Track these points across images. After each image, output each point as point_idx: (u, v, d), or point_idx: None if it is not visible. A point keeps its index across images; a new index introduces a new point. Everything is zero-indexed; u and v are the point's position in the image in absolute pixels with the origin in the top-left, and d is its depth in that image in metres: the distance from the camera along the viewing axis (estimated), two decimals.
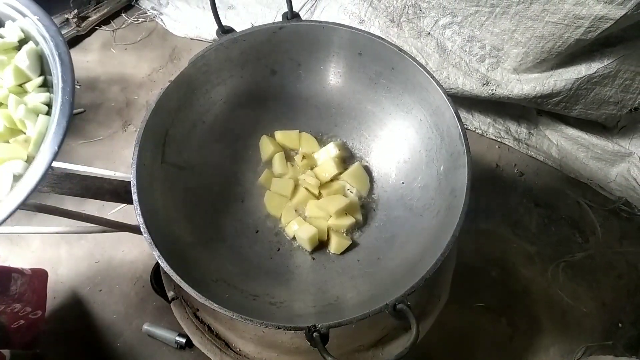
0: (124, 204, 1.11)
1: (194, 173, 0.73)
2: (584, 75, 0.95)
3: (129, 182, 0.80)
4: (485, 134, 1.20)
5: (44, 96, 0.59)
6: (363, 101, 0.78)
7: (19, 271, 0.92)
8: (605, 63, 0.93)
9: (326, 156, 0.79)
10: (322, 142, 0.82)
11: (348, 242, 0.73)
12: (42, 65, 0.61)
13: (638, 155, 1.07)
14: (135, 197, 0.59)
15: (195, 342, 0.80)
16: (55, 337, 0.99)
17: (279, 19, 1.22)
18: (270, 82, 0.78)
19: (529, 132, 1.16)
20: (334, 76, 0.78)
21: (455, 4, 1.00)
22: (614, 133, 1.10)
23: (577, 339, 0.99)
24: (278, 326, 0.54)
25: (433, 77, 0.67)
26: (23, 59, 0.59)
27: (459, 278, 0.88)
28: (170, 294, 0.82)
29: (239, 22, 1.25)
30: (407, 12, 1.07)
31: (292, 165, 0.80)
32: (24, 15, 0.60)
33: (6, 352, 0.86)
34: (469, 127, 1.20)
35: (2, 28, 0.62)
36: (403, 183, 0.75)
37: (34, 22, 0.59)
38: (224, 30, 0.71)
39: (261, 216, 0.77)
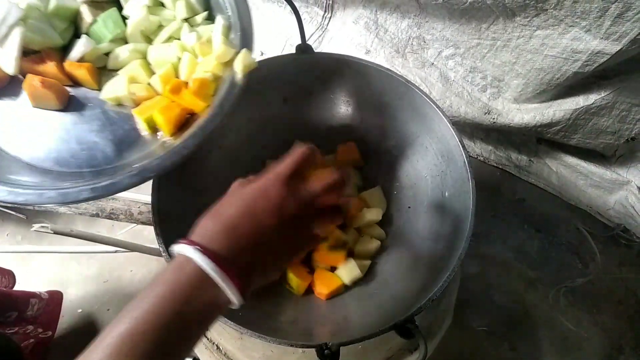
0: (134, 224, 1.14)
1: (209, 196, 0.75)
2: (582, 106, 0.98)
3: (143, 203, 0.84)
4: (487, 160, 1.23)
5: (211, 27, 0.63)
6: (371, 129, 0.81)
7: (37, 296, 0.93)
8: (602, 95, 0.96)
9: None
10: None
11: (368, 263, 0.75)
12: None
13: (635, 184, 1.10)
14: (154, 218, 0.62)
15: None
16: (64, 354, 1.00)
17: (288, 47, 1.28)
18: (282, 110, 0.81)
19: (530, 160, 1.19)
20: (343, 105, 0.82)
21: (457, 37, 1.04)
22: (612, 162, 1.12)
23: None
24: (290, 343, 0.56)
25: (439, 107, 0.70)
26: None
27: (462, 302, 0.90)
28: None
29: None
30: (412, 44, 1.12)
31: None
32: None
33: None
34: (471, 154, 1.23)
35: None
36: (409, 207, 0.77)
37: None
38: None
39: None
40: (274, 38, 1.30)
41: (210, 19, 0.65)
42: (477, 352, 1.01)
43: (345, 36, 1.20)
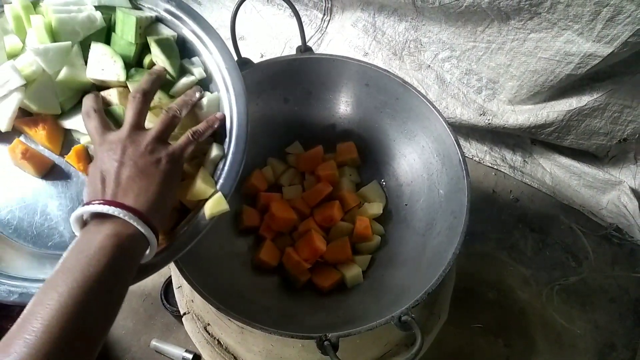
0: None
1: None
2: (574, 107, 1.00)
3: None
4: (482, 161, 1.25)
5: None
6: (369, 128, 0.83)
7: None
8: (595, 96, 0.98)
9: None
10: None
11: (368, 258, 0.77)
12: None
13: (628, 184, 1.12)
14: None
15: (205, 355, 0.83)
16: None
17: (287, 49, 1.30)
18: (283, 110, 0.83)
19: (524, 160, 1.21)
20: (342, 105, 0.84)
21: (453, 39, 1.06)
22: (605, 162, 1.15)
23: None
24: (291, 335, 0.58)
25: (435, 107, 0.72)
26: (200, 106, 0.59)
27: (457, 299, 0.91)
28: (182, 309, 0.85)
29: (249, 52, 1.31)
30: (409, 46, 1.14)
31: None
32: (210, 52, 0.61)
33: None
34: (466, 155, 1.25)
35: (190, 60, 0.62)
36: (406, 205, 0.79)
37: (217, 64, 0.60)
38: (242, 61, 0.76)
39: None
40: (274, 40, 1.31)
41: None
42: (472, 349, 1.03)
43: (343, 39, 1.22)
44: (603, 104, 0.99)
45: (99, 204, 0.45)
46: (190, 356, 0.99)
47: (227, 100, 0.59)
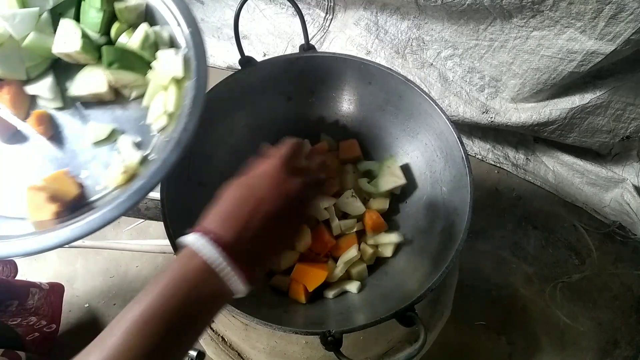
0: (141, 220, 1.16)
1: (214, 190, 0.78)
2: (577, 105, 1.01)
3: (150, 199, 0.86)
4: (485, 159, 1.25)
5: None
6: (372, 126, 0.83)
7: (37, 286, 0.95)
8: (598, 94, 0.98)
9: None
10: None
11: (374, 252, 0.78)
12: None
13: (631, 182, 1.12)
14: (164, 210, 0.64)
15: (209, 352, 0.84)
16: (70, 349, 1.02)
17: (290, 48, 1.30)
18: (286, 108, 0.83)
19: (527, 158, 1.21)
20: (345, 103, 0.84)
21: (456, 38, 1.06)
22: (608, 160, 1.15)
23: (574, 358, 1.02)
24: (295, 331, 0.58)
25: (437, 105, 0.73)
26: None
27: (460, 297, 0.92)
28: None
29: (252, 51, 1.32)
30: (411, 45, 1.14)
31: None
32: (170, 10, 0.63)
33: (22, 353, 0.89)
34: (469, 153, 1.25)
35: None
36: (407, 202, 0.80)
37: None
38: (245, 59, 0.77)
39: None
40: (277, 39, 1.32)
41: None
42: (475, 346, 1.03)
43: (346, 37, 1.22)
44: (606, 102, 0.99)
45: (207, 245, 0.40)
46: (195, 353, 1.00)
47: (182, 36, 0.61)
